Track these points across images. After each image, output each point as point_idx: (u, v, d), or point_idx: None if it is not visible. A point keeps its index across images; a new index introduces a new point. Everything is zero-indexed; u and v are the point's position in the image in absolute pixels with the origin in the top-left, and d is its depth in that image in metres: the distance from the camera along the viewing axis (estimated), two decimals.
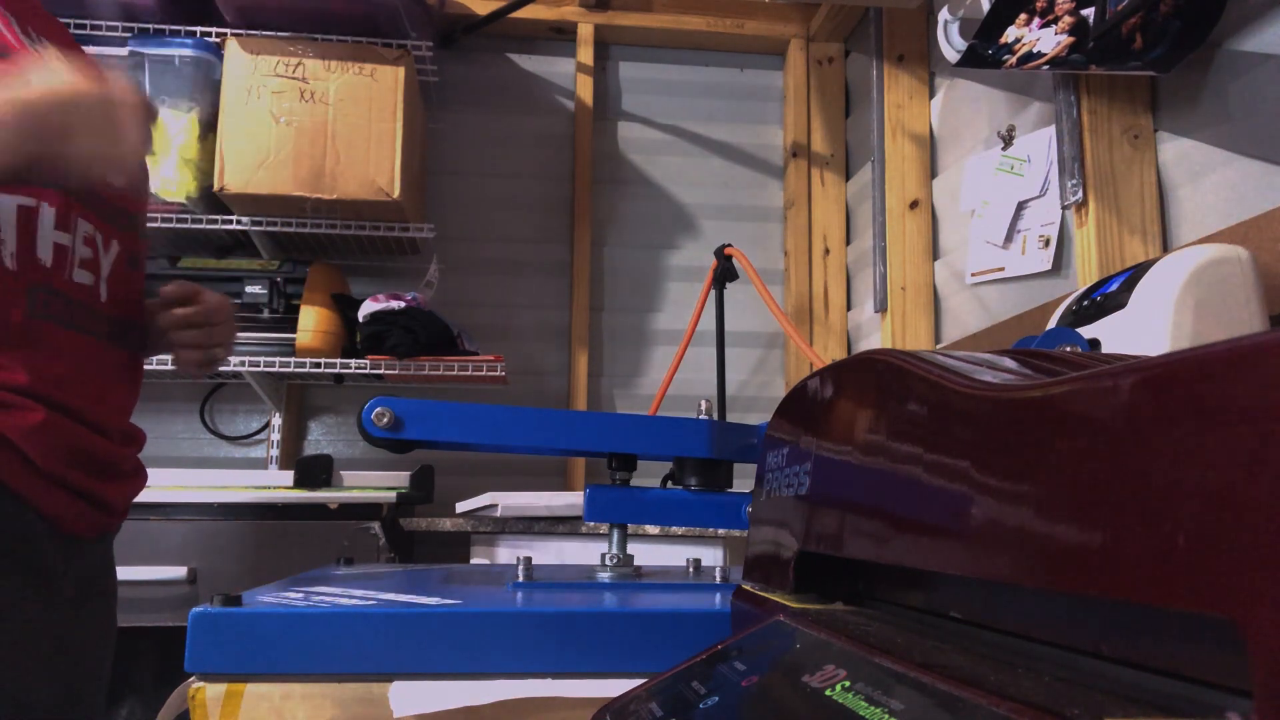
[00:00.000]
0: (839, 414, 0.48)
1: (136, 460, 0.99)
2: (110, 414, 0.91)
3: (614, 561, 0.90)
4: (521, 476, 2.29)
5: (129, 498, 0.97)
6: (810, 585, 0.51)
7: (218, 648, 0.60)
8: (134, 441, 0.98)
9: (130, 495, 0.97)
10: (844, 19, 2.35)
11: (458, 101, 2.43)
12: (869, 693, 0.32)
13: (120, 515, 0.96)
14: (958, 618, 0.40)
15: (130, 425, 0.98)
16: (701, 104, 2.53)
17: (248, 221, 2.04)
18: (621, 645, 0.63)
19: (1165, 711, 0.25)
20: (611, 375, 2.41)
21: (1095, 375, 0.28)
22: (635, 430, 0.90)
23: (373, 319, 1.98)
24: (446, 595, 0.70)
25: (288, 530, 1.69)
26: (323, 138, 1.96)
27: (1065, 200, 1.39)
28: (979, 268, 1.68)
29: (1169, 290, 0.91)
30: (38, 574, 0.82)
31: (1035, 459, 0.30)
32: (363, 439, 0.84)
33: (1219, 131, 1.17)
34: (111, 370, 0.92)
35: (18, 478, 0.79)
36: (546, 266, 2.41)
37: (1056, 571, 0.28)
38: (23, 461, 0.79)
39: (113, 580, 0.99)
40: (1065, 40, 1.17)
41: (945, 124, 1.96)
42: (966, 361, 0.40)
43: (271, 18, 2.02)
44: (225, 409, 2.29)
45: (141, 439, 1.00)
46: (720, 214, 2.49)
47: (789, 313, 2.37)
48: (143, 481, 0.99)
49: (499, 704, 0.60)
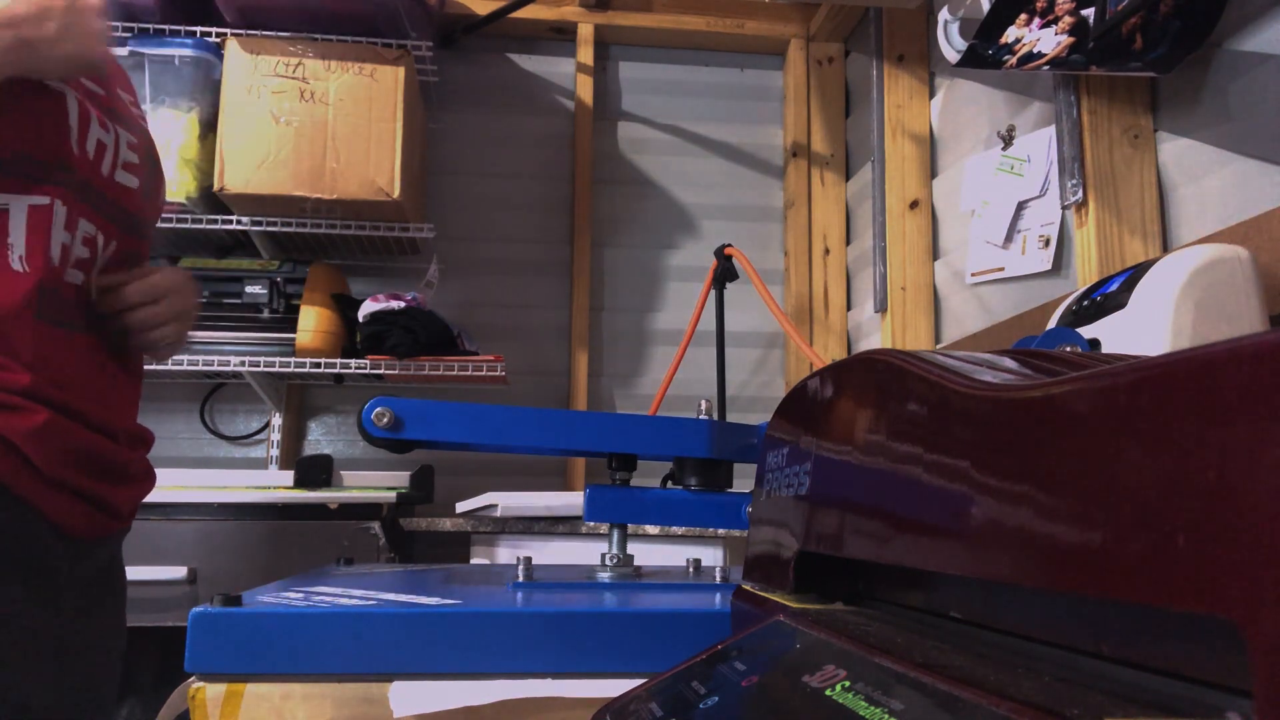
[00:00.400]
0: (839, 414, 0.48)
1: (145, 463, 0.97)
2: (114, 415, 0.90)
3: (614, 561, 0.90)
4: (521, 476, 2.29)
5: (136, 500, 0.96)
6: (810, 585, 0.51)
7: (218, 648, 0.60)
8: (142, 443, 0.97)
9: (138, 498, 0.96)
10: (844, 19, 2.35)
11: (458, 101, 2.43)
12: (869, 693, 0.32)
13: (127, 519, 0.95)
14: (958, 618, 0.40)
15: (138, 426, 0.97)
16: (701, 104, 2.53)
17: (248, 221, 2.04)
18: (621, 645, 0.63)
19: (1165, 711, 0.25)
20: (611, 375, 2.41)
21: (1095, 375, 0.28)
22: (635, 430, 0.90)
23: (373, 319, 1.98)
24: (446, 595, 0.70)
25: (288, 530, 1.69)
26: (323, 138, 1.96)
27: (1065, 200, 1.39)
28: (979, 268, 1.68)
29: (1169, 290, 0.91)
30: (42, 578, 0.82)
31: (1035, 459, 0.30)
32: (363, 439, 0.84)
33: (1219, 131, 1.17)
34: (109, 370, 0.91)
35: (21, 481, 0.79)
36: (546, 266, 2.41)
37: (1056, 571, 0.28)
38: (26, 464, 0.79)
39: (121, 582, 0.98)
40: (1065, 40, 1.17)
41: (945, 124, 1.96)
42: (966, 361, 0.40)
43: (271, 18, 2.02)
44: (225, 409, 2.29)
45: (150, 440, 0.98)
46: (720, 214, 2.49)
47: (789, 313, 2.37)
48: (151, 484, 0.98)
49: (499, 704, 0.60)
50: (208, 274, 2.00)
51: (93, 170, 0.88)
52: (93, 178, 0.88)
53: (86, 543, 0.88)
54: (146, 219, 0.99)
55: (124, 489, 0.92)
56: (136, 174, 0.94)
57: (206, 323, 1.98)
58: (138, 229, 0.97)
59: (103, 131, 0.89)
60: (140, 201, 0.96)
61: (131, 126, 0.95)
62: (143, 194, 0.96)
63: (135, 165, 0.94)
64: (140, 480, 0.96)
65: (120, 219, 0.93)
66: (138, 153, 0.95)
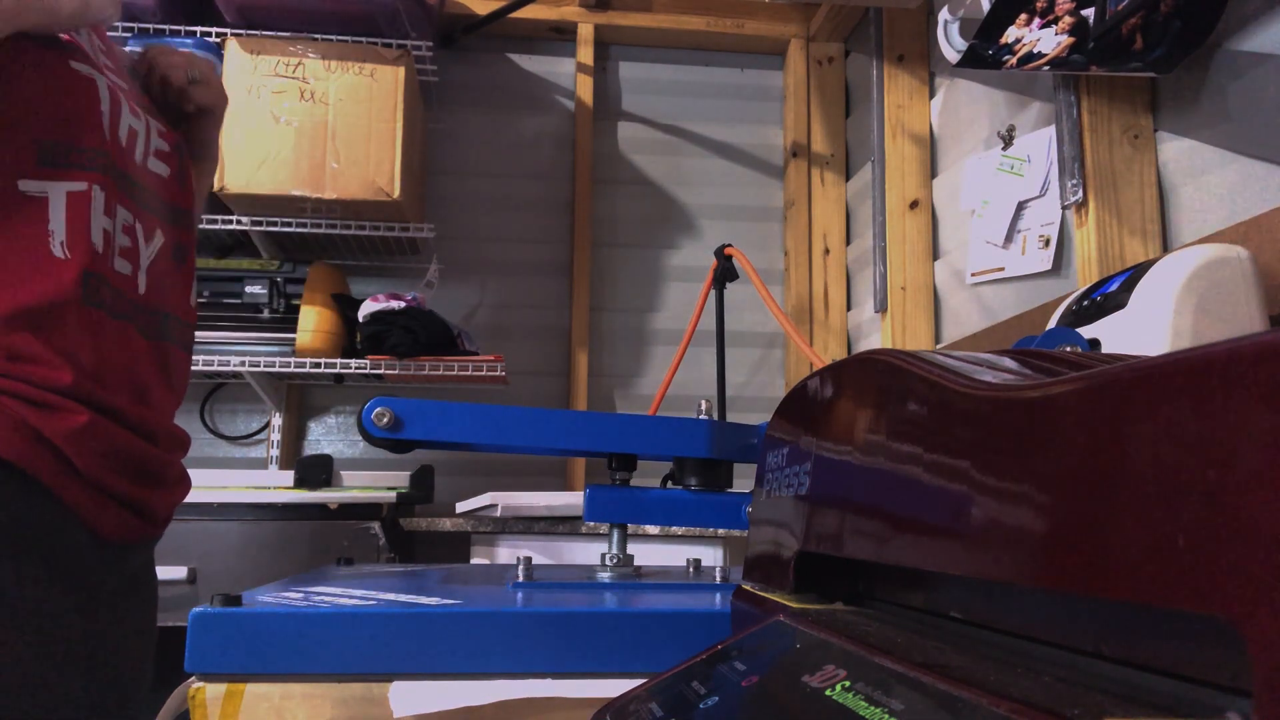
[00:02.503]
0: (839, 414, 0.48)
1: (181, 467, 0.95)
2: (153, 414, 0.88)
3: (614, 561, 0.90)
4: (521, 476, 2.29)
5: (173, 506, 0.93)
6: (810, 585, 0.51)
7: (217, 648, 0.60)
8: (180, 446, 0.95)
9: (174, 503, 0.93)
10: (844, 19, 2.35)
11: (458, 101, 2.43)
12: (869, 693, 0.32)
13: (162, 525, 0.94)
14: (958, 618, 0.40)
15: (176, 428, 0.94)
16: (701, 104, 2.53)
17: (248, 221, 2.04)
18: (621, 645, 0.63)
19: (1165, 711, 0.25)
20: (611, 375, 2.41)
21: (1095, 375, 0.28)
22: (635, 430, 0.90)
23: (373, 319, 1.98)
24: (446, 595, 0.70)
25: (288, 530, 1.69)
26: (323, 138, 1.96)
27: (1065, 200, 1.39)
28: (979, 268, 1.68)
29: (1169, 290, 0.91)
30: (76, 581, 0.81)
31: (1035, 459, 0.30)
32: (363, 439, 0.83)
33: (1219, 131, 1.17)
34: (150, 367, 0.89)
35: (58, 481, 0.78)
36: (546, 266, 2.41)
37: (1056, 571, 0.28)
38: (64, 465, 0.78)
39: (153, 585, 0.97)
40: (1065, 40, 1.17)
41: (945, 124, 1.96)
42: (966, 361, 0.40)
43: (271, 18, 2.02)
44: (225, 409, 2.29)
45: (187, 442, 0.95)
46: (720, 214, 2.49)
47: (789, 313, 2.37)
48: (186, 489, 0.95)
49: (499, 704, 0.60)
50: (208, 274, 2.01)
51: (126, 157, 0.87)
52: (127, 165, 0.87)
53: (122, 547, 0.87)
54: (183, 209, 0.97)
55: (162, 493, 0.90)
56: (169, 163, 0.94)
57: (207, 323, 1.98)
58: (179, 219, 0.95)
59: (134, 118, 0.88)
60: (175, 190, 0.95)
61: (158, 115, 0.95)
62: (177, 182, 0.95)
63: (167, 154, 0.93)
64: (176, 484, 0.94)
65: (158, 208, 0.91)
66: (168, 141, 0.94)
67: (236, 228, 2.05)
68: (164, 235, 0.92)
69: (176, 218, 0.95)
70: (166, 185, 0.93)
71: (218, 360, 1.96)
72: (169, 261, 0.93)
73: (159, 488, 0.89)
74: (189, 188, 0.99)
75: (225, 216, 2.03)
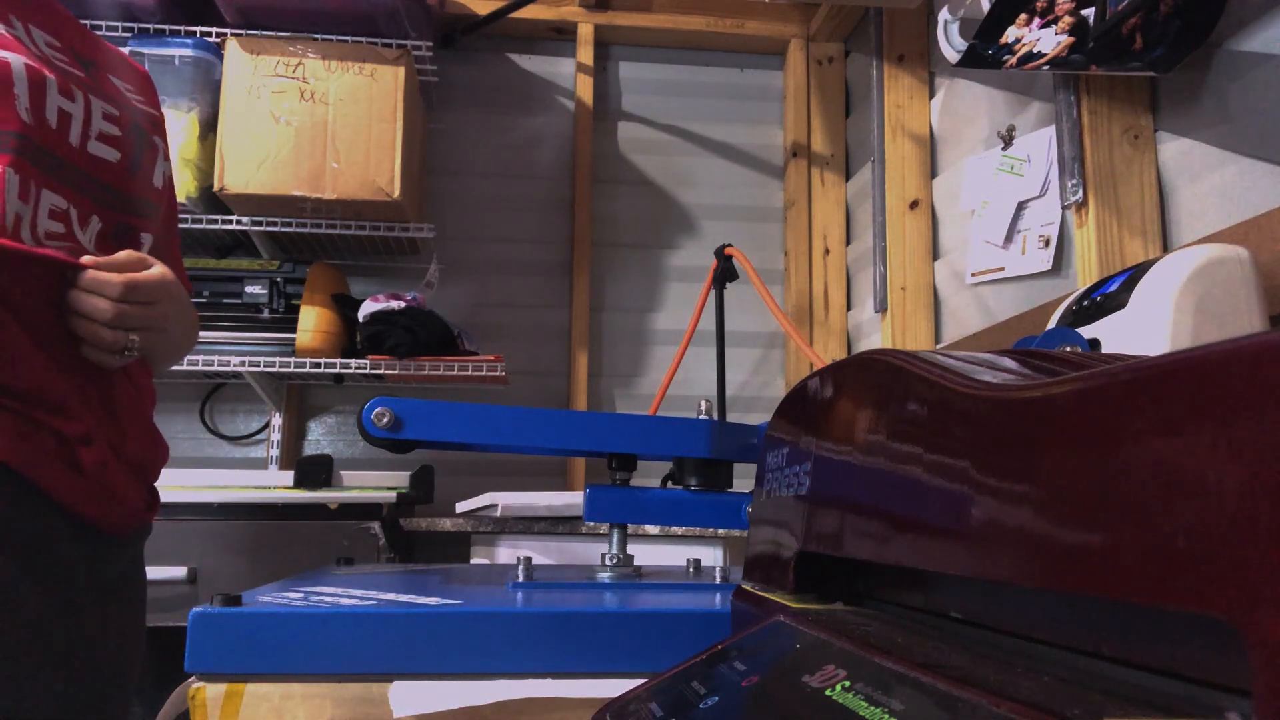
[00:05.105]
0: (839, 414, 0.48)
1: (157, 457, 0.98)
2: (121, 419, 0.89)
3: (614, 561, 0.90)
4: (521, 476, 2.29)
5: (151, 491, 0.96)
6: (810, 585, 0.51)
7: (217, 648, 0.60)
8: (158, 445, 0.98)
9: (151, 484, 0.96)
10: (844, 19, 2.35)
11: (458, 101, 2.43)
12: (869, 693, 0.32)
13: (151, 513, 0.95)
14: (958, 618, 0.40)
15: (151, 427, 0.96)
16: (701, 104, 2.53)
17: (248, 221, 2.04)
18: (621, 645, 0.63)
19: (1165, 711, 0.25)
20: (611, 375, 2.41)
21: (1095, 375, 0.28)
22: (635, 430, 0.90)
23: (373, 319, 1.98)
24: (446, 595, 0.70)
25: (288, 530, 1.69)
26: (323, 138, 1.96)
27: (1065, 200, 1.39)
28: (979, 268, 1.68)
29: (1169, 290, 0.91)
30: (55, 574, 0.81)
31: (1035, 459, 0.30)
32: (363, 439, 0.83)
33: (1219, 131, 1.17)
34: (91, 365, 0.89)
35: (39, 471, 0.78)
36: (546, 266, 2.41)
37: (1056, 571, 0.28)
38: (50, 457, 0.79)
39: (141, 581, 0.97)
40: (1065, 40, 1.17)
41: (945, 124, 1.96)
42: (966, 361, 0.40)
43: (271, 18, 2.02)
44: (225, 409, 2.29)
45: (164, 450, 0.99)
46: (720, 214, 2.49)
47: (789, 313, 2.37)
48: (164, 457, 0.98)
49: (499, 704, 0.60)
50: (208, 274, 2.00)
51: (55, 139, 0.85)
52: (55, 147, 0.86)
53: (106, 540, 0.87)
54: (137, 196, 0.95)
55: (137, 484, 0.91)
56: (117, 147, 0.92)
57: (207, 323, 1.98)
58: (127, 205, 0.93)
59: (65, 100, 0.86)
60: (125, 177, 0.92)
61: (114, 101, 0.93)
62: (128, 169, 0.93)
63: (115, 138, 0.91)
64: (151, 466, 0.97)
65: (97, 192, 0.89)
66: (119, 125, 0.93)
67: (236, 228, 2.05)
68: (100, 219, 0.89)
69: (123, 204, 0.92)
70: (113, 170, 0.90)
71: (217, 360, 1.96)
72: (109, 244, 0.89)
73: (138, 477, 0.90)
74: (149, 178, 0.97)
75: (225, 216, 2.03)
